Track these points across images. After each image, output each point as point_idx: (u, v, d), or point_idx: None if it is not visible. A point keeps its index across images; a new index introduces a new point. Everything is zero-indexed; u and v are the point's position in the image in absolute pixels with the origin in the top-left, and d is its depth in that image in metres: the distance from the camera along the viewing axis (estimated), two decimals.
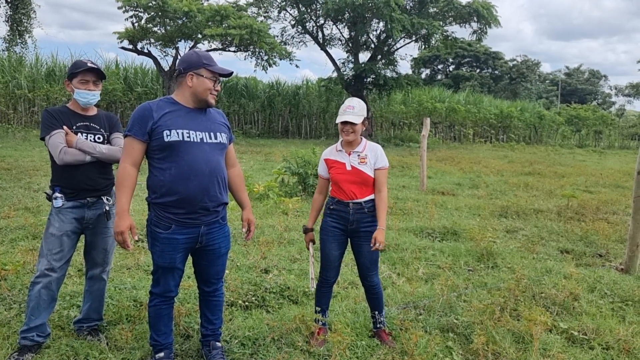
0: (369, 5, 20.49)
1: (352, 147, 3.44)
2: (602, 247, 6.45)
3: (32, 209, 7.02)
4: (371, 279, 3.53)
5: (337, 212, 3.44)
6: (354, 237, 3.47)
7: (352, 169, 3.40)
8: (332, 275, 3.54)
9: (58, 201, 3.16)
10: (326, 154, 3.58)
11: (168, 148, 2.81)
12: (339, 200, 3.44)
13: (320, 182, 3.63)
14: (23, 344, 3.15)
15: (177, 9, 18.54)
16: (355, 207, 3.40)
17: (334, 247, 3.47)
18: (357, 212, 3.40)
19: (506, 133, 30.56)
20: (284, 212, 7.48)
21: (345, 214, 3.41)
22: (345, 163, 3.43)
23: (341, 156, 3.46)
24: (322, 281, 3.56)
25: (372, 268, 3.51)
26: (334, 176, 3.45)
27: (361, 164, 3.40)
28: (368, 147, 3.47)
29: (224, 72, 2.94)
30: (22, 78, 20.52)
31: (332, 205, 3.48)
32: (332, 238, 3.46)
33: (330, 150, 3.56)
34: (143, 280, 4.44)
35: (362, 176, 3.39)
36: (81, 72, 3.18)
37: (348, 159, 3.42)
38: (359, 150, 3.43)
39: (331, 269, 3.52)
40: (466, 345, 3.54)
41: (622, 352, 3.53)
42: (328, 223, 3.48)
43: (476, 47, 46.58)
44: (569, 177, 13.49)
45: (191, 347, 3.35)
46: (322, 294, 3.60)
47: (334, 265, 3.52)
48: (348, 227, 3.43)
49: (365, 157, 3.42)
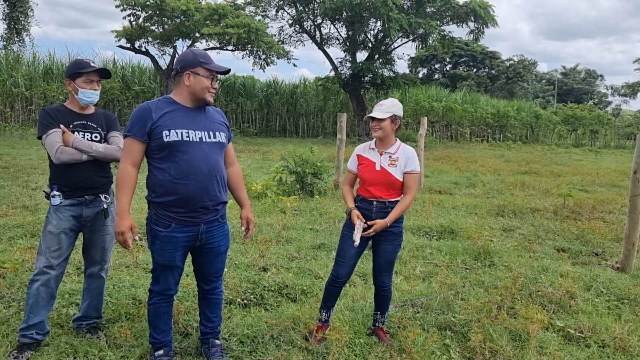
0: (367, 5, 20.49)
1: (384, 147, 3.39)
2: (598, 246, 6.49)
3: (30, 207, 7.02)
4: (382, 279, 3.50)
5: (360, 210, 3.39)
6: (375, 236, 3.41)
7: (381, 169, 3.35)
8: (345, 273, 3.47)
9: (56, 199, 3.17)
10: (359, 149, 3.54)
11: (167, 148, 2.81)
12: (363, 198, 3.40)
13: (349, 176, 3.59)
14: (22, 341, 3.16)
15: (174, 8, 18.51)
16: (378, 206, 3.35)
17: (352, 244, 3.37)
18: (380, 211, 3.35)
19: (503, 132, 30.61)
20: (282, 210, 7.50)
21: (369, 212, 3.37)
22: (375, 162, 3.38)
23: (373, 155, 3.42)
24: (333, 279, 3.51)
25: (386, 269, 3.47)
26: (362, 174, 3.41)
27: (391, 165, 3.34)
28: (401, 149, 3.40)
29: (221, 69, 2.93)
30: (20, 76, 20.44)
31: (357, 202, 3.45)
32: (352, 235, 3.37)
33: (364, 147, 3.51)
34: (142, 279, 4.45)
35: (390, 178, 3.33)
36: (86, 73, 3.18)
37: (379, 159, 3.37)
38: (391, 152, 3.37)
39: (345, 267, 3.44)
40: (463, 343, 3.56)
41: (618, 350, 3.56)
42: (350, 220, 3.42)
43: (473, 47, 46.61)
44: (565, 177, 13.53)
45: (190, 345, 3.36)
46: (331, 291, 3.54)
47: (349, 264, 3.45)
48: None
49: (396, 159, 3.35)
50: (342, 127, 9.74)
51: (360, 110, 23.91)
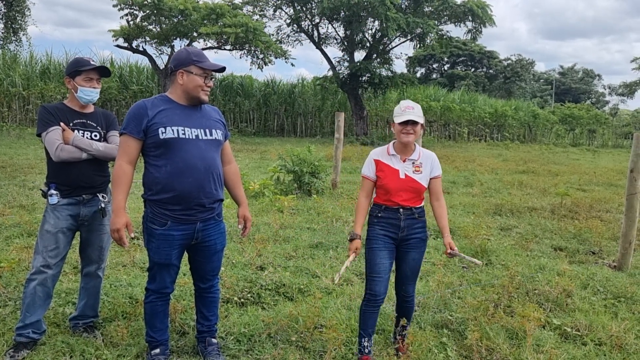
0: (365, 4, 20.49)
1: (407, 154, 3.19)
2: (595, 244, 6.50)
3: (27, 206, 7.00)
4: (407, 288, 3.31)
5: (385, 220, 3.17)
6: (402, 245, 3.22)
7: (405, 177, 3.15)
8: (382, 290, 3.18)
9: (53, 198, 3.16)
10: (377, 154, 3.27)
11: (163, 145, 2.82)
12: (387, 207, 3.17)
13: (367, 184, 3.26)
14: (18, 340, 3.15)
15: (172, 7, 18.48)
16: (406, 213, 3.16)
17: (385, 256, 3.17)
18: (408, 218, 3.16)
19: (500, 132, 30.63)
20: (280, 210, 7.49)
21: (396, 220, 3.15)
22: (398, 170, 3.16)
23: (394, 161, 3.19)
24: (370, 299, 3.20)
25: (411, 277, 3.30)
26: (386, 183, 3.16)
27: (416, 172, 3.16)
28: (423, 154, 3.23)
29: (214, 67, 2.92)
30: (17, 76, 20.37)
31: (380, 213, 3.19)
32: (383, 246, 3.17)
33: (382, 152, 3.27)
34: (138, 278, 4.44)
35: (416, 186, 3.16)
36: (86, 71, 3.18)
37: (402, 166, 3.17)
38: (414, 158, 3.19)
39: (381, 283, 3.17)
40: (460, 341, 3.56)
41: (615, 348, 3.56)
42: (377, 231, 3.19)
43: (471, 46, 46.65)
44: (562, 176, 13.55)
45: (187, 343, 3.36)
46: (369, 314, 3.23)
47: (384, 278, 3.18)
48: (399, 234, 3.18)
49: (420, 165, 3.18)
50: (339, 127, 9.74)
51: (358, 110, 23.91)
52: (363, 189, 3.28)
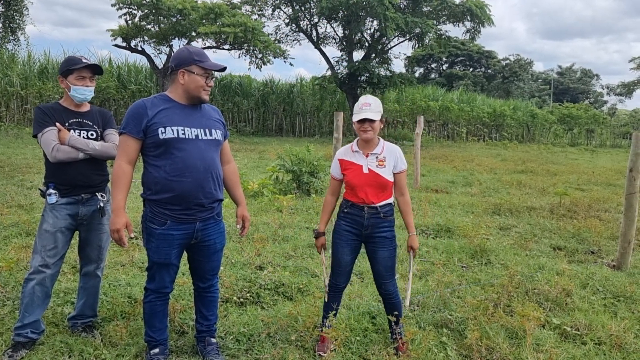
0: (363, 4, 20.49)
1: (369, 149, 3.23)
2: (594, 244, 6.50)
3: (25, 206, 6.99)
4: (387, 287, 3.32)
5: (351, 216, 3.25)
6: (368, 243, 3.29)
7: (369, 172, 3.19)
8: (343, 280, 3.37)
9: (52, 197, 3.15)
10: (341, 153, 3.34)
11: (163, 145, 2.81)
12: (353, 204, 3.23)
13: (333, 183, 3.39)
14: (17, 340, 3.14)
15: (170, 7, 18.46)
16: (370, 212, 3.20)
17: (346, 252, 3.28)
18: (373, 217, 3.21)
19: (499, 131, 30.67)
20: (279, 209, 7.49)
21: (360, 218, 3.22)
22: (362, 165, 3.20)
23: (358, 157, 3.24)
24: (333, 286, 3.39)
25: (387, 276, 3.30)
26: (350, 179, 3.23)
27: (379, 167, 3.19)
28: (386, 148, 3.26)
29: (216, 67, 2.91)
30: (15, 75, 20.33)
31: (346, 208, 3.27)
32: (345, 243, 3.27)
33: (346, 150, 3.32)
34: (138, 277, 4.43)
35: (380, 180, 3.19)
36: (78, 69, 3.16)
37: (365, 161, 3.21)
38: (377, 152, 3.22)
39: (342, 275, 3.35)
40: (460, 341, 3.56)
41: (614, 347, 3.56)
42: (341, 226, 3.29)
43: (469, 46, 46.67)
44: (561, 175, 13.57)
45: (186, 343, 3.35)
46: (332, 298, 3.43)
47: (346, 271, 3.34)
48: (362, 232, 3.24)
49: (383, 159, 3.21)
50: (338, 126, 9.68)
51: None
52: (330, 187, 3.44)
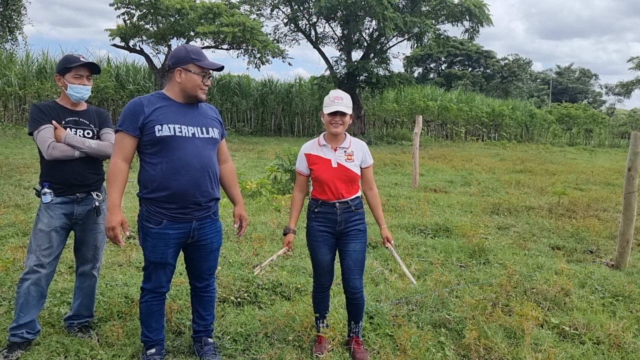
0: (362, 4, 20.49)
1: (337, 143, 3.23)
2: (592, 243, 6.49)
3: (22, 206, 6.96)
4: (354, 282, 3.25)
5: (322, 215, 3.22)
6: (341, 237, 3.26)
7: (338, 166, 3.18)
8: (327, 279, 3.35)
9: (47, 197, 3.14)
10: (307, 148, 3.29)
11: (159, 143, 2.79)
12: (324, 202, 3.20)
13: (300, 179, 3.34)
14: (12, 340, 3.12)
15: (169, 6, 18.45)
16: (342, 207, 3.19)
17: (325, 252, 3.25)
18: (345, 212, 3.20)
19: (498, 131, 30.68)
20: (277, 209, 7.47)
21: (333, 215, 3.20)
22: (330, 160, 3.19)
23: (325, 152, 3.22)
24: (318, 287, 3.37)
25: (355, 271, 3.25)
26: (318, 174, 3.20)
27: (348, 161, 3.19)
28: (354, 143, 3.27)
29: (213, 66, 2.90)
30: (13, 75, 20.28)
31: (317, 208, 3.23)
32: (322, 243, 3.24)
33: (312, 145, 3.28)
34: (134, 277, 4.41)
35: (349, 174, 3.19)
36: (75, 67, 3.14)
37: (334, 155, 3.20)
38: (345, 146, 3.22)
39: (325, 274, 3.32)
40: (458, 341, 3.55)
41: (613, 346, 3.55)
42: (315, 228, 3.25)
43: (468, 46, 46.72)
44: (560, 175, 13.56)
45: (183, 343, 3.33)
46: (319, 299, 3.41)
47: (328, 270, 3.32)
48: (337, 228, 3.22)
49: (352, 153, 3.21)
50: None
51: (355, 109, 23.88)
52: (297, 184, 3.37)
